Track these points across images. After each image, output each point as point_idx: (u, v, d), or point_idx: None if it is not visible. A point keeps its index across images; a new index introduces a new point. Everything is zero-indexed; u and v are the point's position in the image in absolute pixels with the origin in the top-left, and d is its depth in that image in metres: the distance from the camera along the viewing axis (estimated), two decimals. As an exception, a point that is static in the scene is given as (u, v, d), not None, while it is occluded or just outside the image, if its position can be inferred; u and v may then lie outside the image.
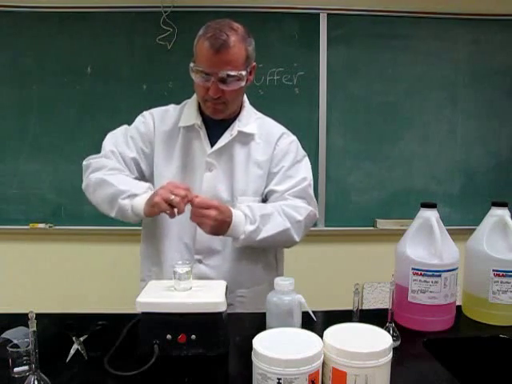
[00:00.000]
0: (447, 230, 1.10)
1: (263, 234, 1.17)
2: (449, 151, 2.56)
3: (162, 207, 1.04)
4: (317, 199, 2.59)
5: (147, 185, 1.18)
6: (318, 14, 2.42)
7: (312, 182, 1.31)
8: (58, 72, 2.39)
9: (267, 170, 1.26)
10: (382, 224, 2.53)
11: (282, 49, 2.42)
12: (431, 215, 1.09)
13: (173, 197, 1.04)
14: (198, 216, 1.09)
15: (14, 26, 2.37)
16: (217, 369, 0.90)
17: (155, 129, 1.28)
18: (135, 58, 2.40)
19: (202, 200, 1.08)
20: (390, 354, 0.74)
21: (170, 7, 2.33)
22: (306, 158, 1.34)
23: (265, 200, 1.28)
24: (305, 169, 1.30)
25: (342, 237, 2.60)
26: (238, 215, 1.14)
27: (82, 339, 0.97)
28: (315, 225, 2.51)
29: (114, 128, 2.42)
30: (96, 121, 2.43)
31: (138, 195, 1.14)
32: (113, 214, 1.19)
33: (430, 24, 2.47)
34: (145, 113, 1.32)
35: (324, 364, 0.74)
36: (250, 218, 1.16)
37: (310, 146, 2.48)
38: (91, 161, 1.27)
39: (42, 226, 2.46)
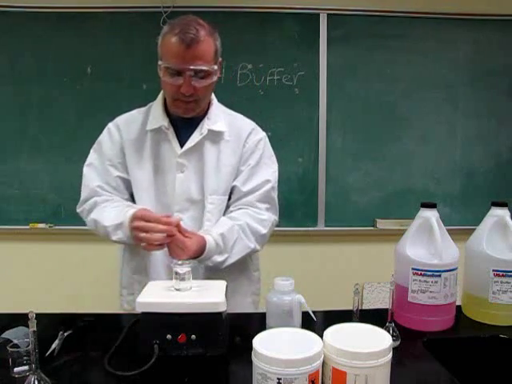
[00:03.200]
0: (447, 230, 1.10)
1: (229, 261, 1.19)
2: (449, 151, 2.56)
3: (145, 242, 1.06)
4: (317, 199, 2.62)
5: (125, 209, 1.15)
6: (318, 14, 2.42)
7: (276, 185, 1.31)
8: (58, 72, 2.39)
9: (236, 167, 1.27)
10: (382, 224, 2.53)
11: (282, 49, 2.42)
12: (431, 215, 1.09)
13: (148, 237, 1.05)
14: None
15: (14, 26, 2.37)
16: (217, 369, 0.90)
17: (122, 138, 1.27)
18: (135, 58, 2.39)
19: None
20: (390, 354, 0.74)
21: (169, 7, 2.33)
22: (273, 158, 1.34)
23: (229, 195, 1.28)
24: (270, 169, 1.30)
25: (342, 237, 2.60)
26: (210, 242, 1.14)
27: (65, 334, 0.98)
28: (315, 225, 2.52)
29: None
30: (96, 121, 2.40)
31: (123, 223, 1.12)
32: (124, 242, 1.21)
33: (429, 24, 2.47)
34: (109, 125, 1.31)
35: (324, 364, 0.74)
36: (221, 248, 1.16)
37: (309, 146, 2.48)
38: (83, 206, 1.29)
39: (41, 225, 2.46)
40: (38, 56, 2.39)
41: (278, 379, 0.69)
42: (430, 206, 1.11)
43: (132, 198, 1.28)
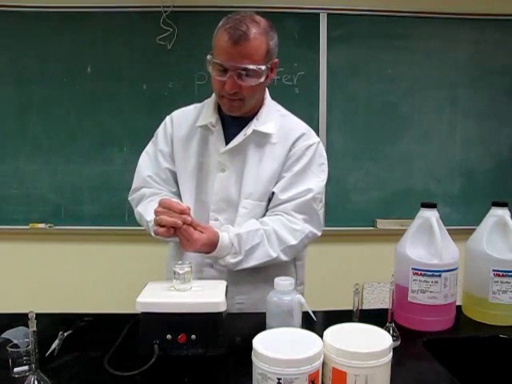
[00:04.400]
0: (447, 230, 1.10)
1: (243, 265, 1.13)
2: (449, 151, 2.56)
3: (164, 235, 1.04)
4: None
5: None
6: (318, 14, 2.42)
7: (320, 196, 1.22)
8: (58, 72, 2.39)
9: (278, 173, 1.20)
10: (382, 224, 2.53)
11: (282, 49, 2.40)
12: (431, 215, 1.09)
13: (159, 222, 1.03)
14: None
15: (14, 26, 2.37)
16: (217, 369, 0.90)
17: (173, 131, 1.26)
18: (135, 57, 2.39)
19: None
20: (390, 354, 0.74)
21: (169, 7, 2.33)
22: (324, 167, 1.26)
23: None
24: (316, 178, 1.22)
25: (342, 237, 2.59)
26: (224, 240, 1.10)
27: (65, 334, 0.98)
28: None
29: (114, 128, 2.46)
30: (96, 121, 2.43)
31: None
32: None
33: (430, 24, 2.46)
34: (166, 118, 1.31)
35: (324, 364, 0.74)
36: (236, 249, 1.11)
37: (310, 146, 2.48)
38: (134, 196, 1.28)
39: (41, 225, 2.46)
40: (37, 56, 2.39)
41: (278, 379, 0.69)
42: (430, 205, 1.11)
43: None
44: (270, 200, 1.22)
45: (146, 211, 1.20)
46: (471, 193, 2.56)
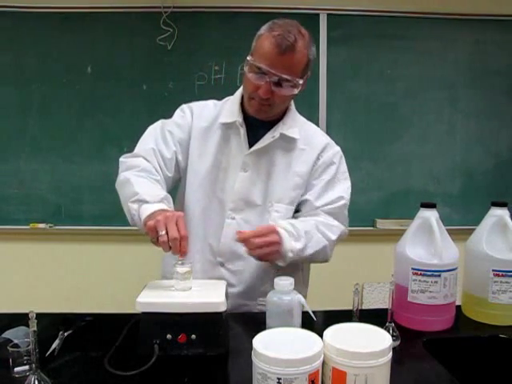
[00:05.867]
0: (447, 230, 1.10)
1: (309, 251, 1.15)
2: (448, 151, 2.56)
3: (150, 235, 0.99)
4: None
5: (163, 195, 1.10)
6: (318, 14, 2.42)
7: (348, 202, 1.29)
8: (58, 72, 2.40)
9: (307, 179, 1.23)
10: (382, 224, 2.53)
11: (282, 49, 2.41)
12: (431, 215, 1.09)
13: (162, 233, 0.96)
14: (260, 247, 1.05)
15: (14, 26, 2.37)
16: (217, 369, 0.90)
17: (193, 122, 1.24)
18: (135, 58, 2.40)
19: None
20: (390, 354, 0.74)
21: (170, 7, 2.33)
22: (347, 174, 1.31)
23: (296, 209, 1.25)
24: (343, 185, 1.28)
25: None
26: (281, 232, 1.10)
27: (66, 334, 0.98)
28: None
29: (114, 128, 2.46)
30: (96, 121, 2.43)
31: (148, 202, 1.06)
32: (128, 218, 1.11)
33: (430, 24, 2.47)
34: (183, 106, 1.28)
35: (324, 364, 0.74)
36: (295, 235, 1.12)
37: (309, 146, 2.48)
38: (128, 159, 1.21)
39: (42, 225, 2.46)
40: (38, 56, 2.39)
41: (278, 379, 0.69)
42: (430, 206, 1.11)
43: (172, 183, 1.25)
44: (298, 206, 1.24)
45: (138, 182, 1.12)
46: (471, 193, 2.56)
